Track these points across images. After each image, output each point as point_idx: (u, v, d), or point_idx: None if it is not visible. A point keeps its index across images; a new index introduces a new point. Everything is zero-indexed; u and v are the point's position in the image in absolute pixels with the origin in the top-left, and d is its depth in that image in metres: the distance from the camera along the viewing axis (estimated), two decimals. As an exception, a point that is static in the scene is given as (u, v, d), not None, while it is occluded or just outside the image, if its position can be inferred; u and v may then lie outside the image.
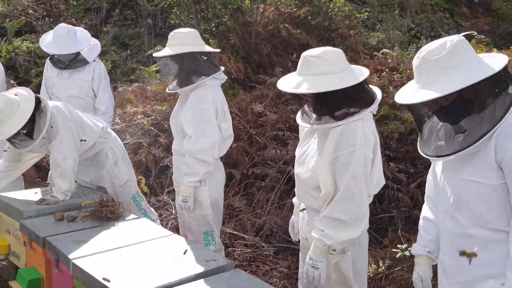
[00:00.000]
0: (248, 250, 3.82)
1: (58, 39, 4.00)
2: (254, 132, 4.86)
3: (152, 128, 5.50)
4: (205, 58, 2.89)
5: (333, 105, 2.07)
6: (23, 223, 2.86)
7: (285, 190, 4.51)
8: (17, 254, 3.05)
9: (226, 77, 3.05)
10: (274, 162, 4.61)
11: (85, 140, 3.21)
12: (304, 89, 2.02)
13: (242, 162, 4.63)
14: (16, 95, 2.96)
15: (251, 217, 4.18)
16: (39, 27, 7.54)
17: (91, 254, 2.43)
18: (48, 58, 4.19)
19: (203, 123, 2.85)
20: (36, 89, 4.85)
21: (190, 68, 2.85)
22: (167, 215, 4.50)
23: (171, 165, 4.93)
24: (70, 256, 2.39)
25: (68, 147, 3.10)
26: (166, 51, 2.90)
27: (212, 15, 8.65)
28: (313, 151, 2.20)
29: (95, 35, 8.73)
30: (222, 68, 3.00)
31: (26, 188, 3.94)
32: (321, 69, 2.04)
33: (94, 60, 4.21)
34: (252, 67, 7.66)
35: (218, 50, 3.03)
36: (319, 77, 2.02)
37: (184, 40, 2.87)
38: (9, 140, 3.00)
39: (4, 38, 7.01)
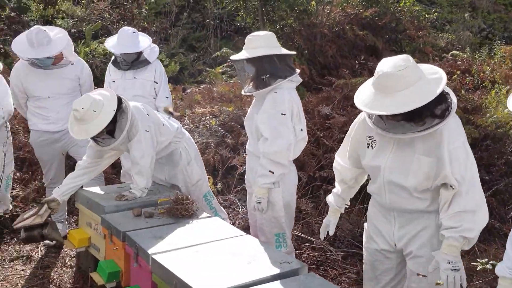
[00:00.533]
0: (316, 253, 3.79)
1: (122, 40, 4.17)
2: (321, 135, 4.82)
3: (219, 128, 5.59)
4: (282, 60, 2.90)
5: (420, 115, 2.09)
6: (104, 217, 3.00)
7: (352, 194, 4.43)
8: (97, 247, 3.21)
9: (301, 80, 3.05)
10: (342, 165, 4.54)
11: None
12: (393, 110, 2.02)
13: (308, 164, 4.60)
14: (99, 95, 3.12)
15: (319, 221, 4.15)
16: (114, 30, 7.89)
17: (169, 250, 2.51)
18: (111, 61, 4.37)
19: (279, 125, 2.86)
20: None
21: (267, 70, 2.86)
22: (234, 214, 4.57)
23: (238, 166, 5.02)
24: (150, 251, 2.48)
25: (146, 146, 3.22)
26: (243, 54, 2.94)
27: (277, 17, 8.69)
28: (409, 157, 2.16)
29: (164, 38, 9.07)
30: (298, 70, 2.99)
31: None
32: (401, 84, 2.04)
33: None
34: (317, 69, 7.60)
35: (294, 52, 3.03)
36: (402, 94, 2.03)
37: (261, 43, 2.89)
38: (92, 138, 3.16)
39: (83, 41, 7.41)
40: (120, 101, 3.14)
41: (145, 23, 8.59)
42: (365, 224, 2.56)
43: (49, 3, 8.24)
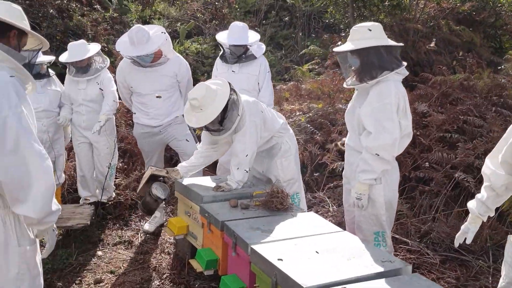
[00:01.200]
0: (412, 256, 3.64)
1: (233, 32, 4.27)
2: (417, 133, 4.62)
3: (308, 125, 5.56)
4: (389, 52, 2.80)
5: None
6: (203, 206, 3.10)
7: (451, 196, 4.21)
8: (194, 235, 3.33)
9: (408, 73, 2.92)
10: (439, 165, 4.32)
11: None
12: None
13: (404, 163, 4.42)
14: (213, 84, 3.22)
15: (415, 222, 3.98)
16: (206, 29, 8.17)
17: (268, 241, 2.54)
18: (219, 56, 4.48)
19: (384, 119, 2.76)
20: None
21: (373, 62, 2.78)
22: (324, 212, 4.52)
23: (328, 163, 4.96)
24: (248, 241, 2.52)
25: (249, 141, 3.27)
26: (347, 46, 2.87)
27: (368, 13, 8.47)
28: None
29: (253, 36, 9.20)
30: (405, 63, 2.87)
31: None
32: None
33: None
34: (409, 65, 7.30)
35: (401, 44, 2.89)
36: None
37: (368, 34, 2.81)
38: (205, 127, 3.26)
39: (177, 40, 7.74)
40: (232, 89, 3.21)
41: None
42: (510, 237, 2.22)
43: (146, 4, 8.71)
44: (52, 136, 4.28)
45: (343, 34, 9.25)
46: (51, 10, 6.91)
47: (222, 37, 4.29)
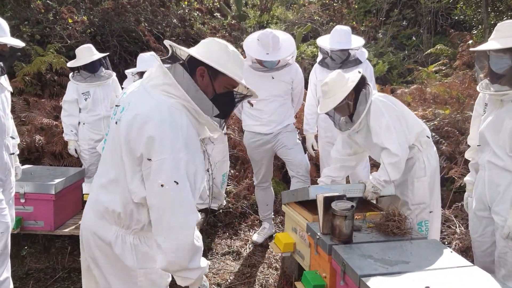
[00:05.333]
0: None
1: (336, 37, 4.02)
2: None
3: (434, 134, 5.03)
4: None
5: None
6: (310, 225, 2.89)
7: None
8: (302, 254, 3.13)
9: None
10: None
11: None
12: None
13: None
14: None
15: None
16: (323, 32, 7.92)
17: (381, 274, 2.24)
18: (317, 62, 4.24)
19: None
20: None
21: None
22: (449, 233, 4.02)
23: (455, 177, 4.42)
24: (358, 272, 2.25)
25: (398, 136, 2.97)
26: (492, 45, 2.44)
27: (504, 7, 7.56)
28: None
29: (373, 37, 8.75)
30: None
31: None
32: None
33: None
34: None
35: None
36: None
37: None
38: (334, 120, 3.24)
39: (293, 44, 7.63)
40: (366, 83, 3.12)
41: (354, 22, 8.41)
42: None
43: (264, 10, 8.74)
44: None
45: (475, 32, 8.36)
46: (174, 20, 7.23)
47: (323, 41, 4.04)
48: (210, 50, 1.81)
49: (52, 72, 5.84)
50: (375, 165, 4.29)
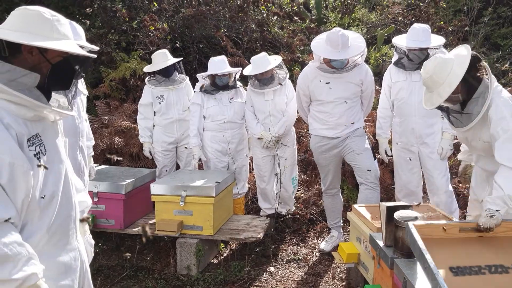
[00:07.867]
0: None
1: (413, 35, 3.76)
2: None
3: None
4: None
5: None
6: (373, 235, 2.70)
7: None
8: (366, 266, 2.94)
9: None
10: None
11: None
12: None
13: None
14: (449, 55, 2.70)
15: None
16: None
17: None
18: (393, 63, 3.98)
19: None
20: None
21: None
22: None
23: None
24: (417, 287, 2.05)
25: None
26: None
27: None
28: None
29: (463, 37, 8.14)
30: None
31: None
32: None
33: None
34: None
35: None
36: None
37: None
38: (448, 117, 2.72)
39: (374, 46, 7.33)
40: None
41: (441, 22, 7.90)
42: None
43: (346, 12, 8.51)
44: (235, 147, 4.39)
45: None
46: (252, 25, 7.27)
47: (400, 40, 3.79)
48: (27, 24, 1.59)
49: (136, 77, 6.13)
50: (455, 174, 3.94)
